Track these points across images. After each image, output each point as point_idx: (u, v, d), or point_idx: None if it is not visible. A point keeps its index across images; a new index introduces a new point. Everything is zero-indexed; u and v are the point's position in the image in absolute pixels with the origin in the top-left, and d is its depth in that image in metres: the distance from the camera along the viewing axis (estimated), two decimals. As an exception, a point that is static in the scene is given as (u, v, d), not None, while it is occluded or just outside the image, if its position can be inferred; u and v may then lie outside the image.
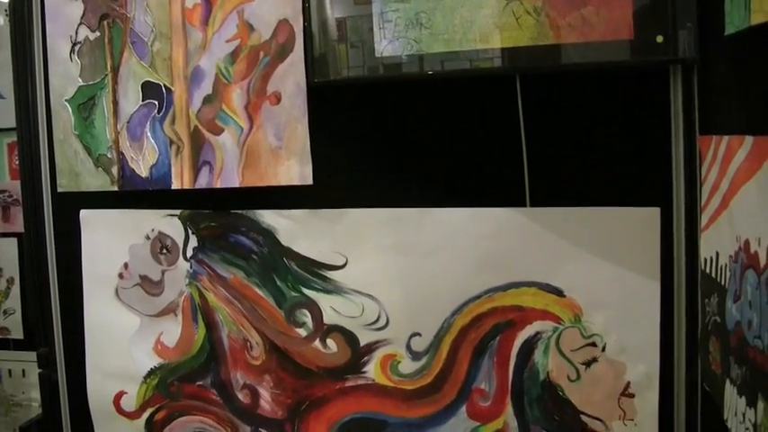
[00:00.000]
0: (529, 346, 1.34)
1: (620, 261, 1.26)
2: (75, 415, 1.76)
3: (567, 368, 1.31)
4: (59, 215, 1.71)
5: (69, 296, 1.72)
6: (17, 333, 2.47)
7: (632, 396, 1.28)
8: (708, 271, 1.10)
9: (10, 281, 2.45)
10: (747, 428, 0.89)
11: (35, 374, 1.83)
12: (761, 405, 0.84)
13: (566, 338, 1.31)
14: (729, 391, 0.97)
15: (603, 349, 1.29)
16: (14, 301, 2.45)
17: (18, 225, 2.36)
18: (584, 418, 1.31)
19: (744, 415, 0.90)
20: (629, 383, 1.28)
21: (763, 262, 0.84)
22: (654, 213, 1.24)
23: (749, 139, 0.89)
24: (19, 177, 1.83)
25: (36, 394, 2.27)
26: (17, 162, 2.13)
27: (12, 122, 1.82)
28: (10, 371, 2.47)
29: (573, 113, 1.29)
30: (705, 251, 1.13)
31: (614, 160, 1.27)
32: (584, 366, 1.30)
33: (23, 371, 2.44)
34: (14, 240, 2.43)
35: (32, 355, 1.84)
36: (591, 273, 1.28)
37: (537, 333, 1.33)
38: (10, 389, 2.48)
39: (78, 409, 1.74)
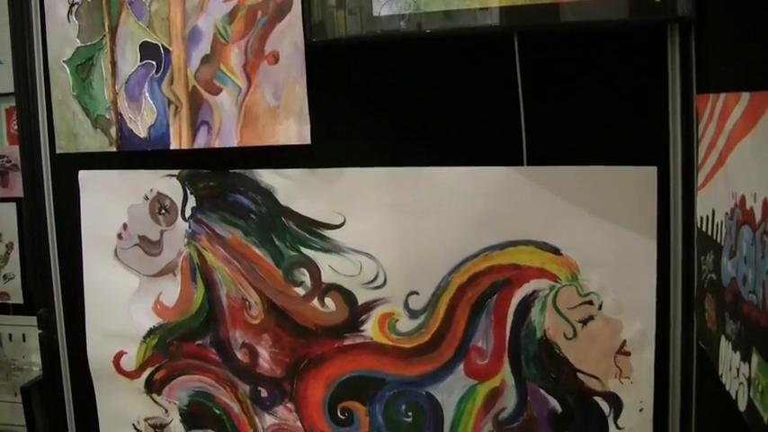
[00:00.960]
0: (526, 305, 1.34)
1: (616, 220, 1.27)
2: (75, 375, 1.77)
3: (563, 326, 1.32)
4: (58, 177, 1.71)
5: (68, 257, 1.73)
6: (17, 298, 2.49)
7: (628, 354, 1.29)
8: (704, 229, 1.11)
9: (9, 246, 2.47)
10: (741, 383, 0.89)
11: (35, 339, 1.84)
12: (755, 359, 0.84)
13: (562, 296, 1.32)
14: (724, 346, 0.98)
15: (600, 307, 1.30)
16: (14, 265, 2.47)
17: (17, 190, 2.37)
18: (580, 375, 1.32)
19: (738, 370, 0.91)
20: (625, 342, 1.29)
21: (758, 217, 0.84)
22: (651, 172, 1.24)
23: (745, 96, 0.89)
24: (17, 141, 1.83)
25: (36, 358, 2.29)
26: (15, 127, 2.13)
27: (9, 87, 1.82)
28: (10, 335, 2.49)
29: (570, 72, 1.28)
30: (701, 209, 1.13)
31: (611, 119, 1.27)
32: (580, 324, 1.31)
33: (24, 335, 2.46)
34: (13, 205, 2.44)
35: (32, 320, 1.85)
36: (588, 231, 1.28)
37: (534, 291, 1.33)
38: (10, 353, 2.50)
39: (78, 370, 1.75)
